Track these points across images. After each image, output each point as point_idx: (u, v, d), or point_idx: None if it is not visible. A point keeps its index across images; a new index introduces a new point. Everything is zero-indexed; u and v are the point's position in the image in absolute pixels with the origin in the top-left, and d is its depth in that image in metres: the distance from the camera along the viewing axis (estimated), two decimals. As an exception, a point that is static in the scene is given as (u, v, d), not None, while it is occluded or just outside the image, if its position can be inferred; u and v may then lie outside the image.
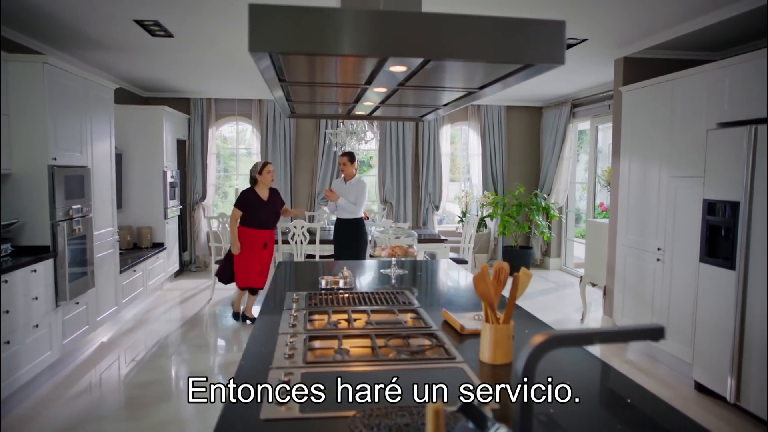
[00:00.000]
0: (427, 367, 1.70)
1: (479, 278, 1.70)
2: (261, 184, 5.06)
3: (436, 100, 2.08)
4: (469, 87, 1.76)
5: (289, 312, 2.28)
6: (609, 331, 0.93)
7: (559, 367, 1.70)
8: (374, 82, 1.70)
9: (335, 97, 2.11)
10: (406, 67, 1.45)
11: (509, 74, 1.52)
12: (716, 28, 3.90)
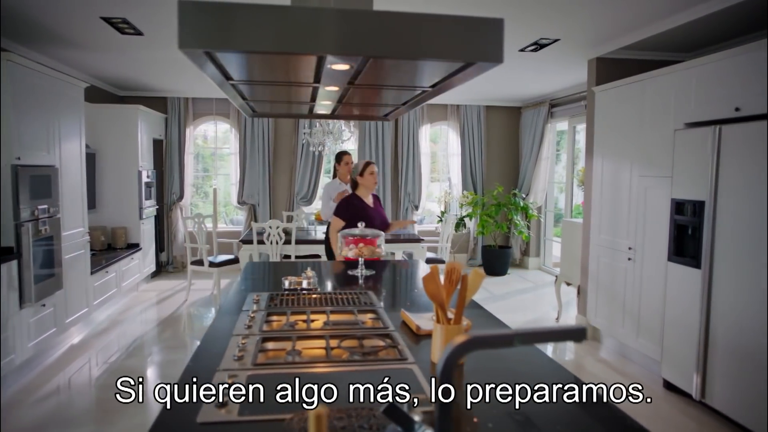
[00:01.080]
0: (378, 368, 1.69)
1: (429, 279, 1.69)
2: (363, 188, 4.11)
3: (394, 98, 2.07)
4: (420, 86, 1.74)
5: (247, 313, 2.26)
6: (530, 332, 0.92)
7: (511, 368, 1.70)
8: (323, 81, 1.69)
9: (291, 96, 2.09)
10: (349, 66, 1.44)
11: (455, 72, 1.50)
12: (686, 29, 3.94)
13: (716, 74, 3.45)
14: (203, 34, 1.18)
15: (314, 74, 1.57)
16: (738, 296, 3.19)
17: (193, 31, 1.18)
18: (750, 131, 3.11)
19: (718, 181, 3.33)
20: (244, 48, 1.23)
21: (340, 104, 2.27)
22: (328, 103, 2.20)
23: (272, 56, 1.37)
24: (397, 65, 1.46)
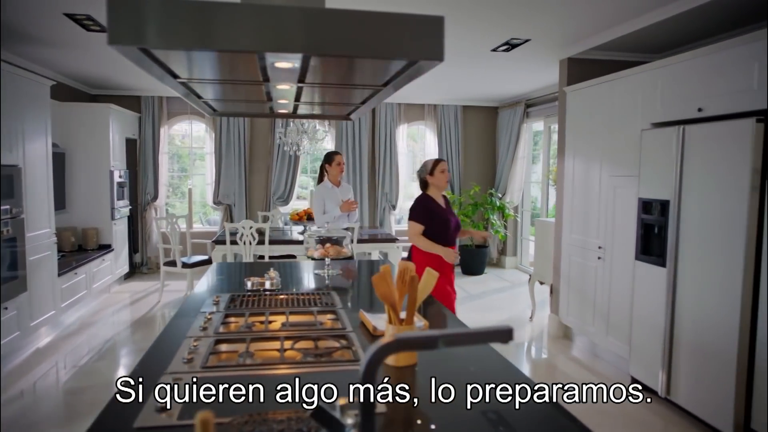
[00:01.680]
0: (330, 369, 1.67)
1: (379, 279, 1.67)
2: (434, 187, 3.75)
3: (350, 97, 2.05)
4: (371, 84, 1.73)
5: (204, 315, 2.22)
6: (455, 334, 0.91)
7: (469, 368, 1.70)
8: (272, 79, 1.66)
9: (246, 95, 2.06)
10: (292, 64, 1.42)
11: (402, 70, 1.49)
12: (654, 30, 3.97)
13: (680, 75, 3.49)
14: (134, 29, 1.15)
15: (261, 72, 1.55)
16: (701, 294, 3.23)
17: (124, 27, 1.15)
18: (712, 131, 3.15)
19: (682, 181, 3.37)
20: (179, 45, 1.21)
21: (299, 103, 2.24)
22: (285, 102, 2.18)
23: (213, 54, 1.35)
24: (341, 63, 1.45)
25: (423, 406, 1.46)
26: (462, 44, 4.73)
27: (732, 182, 2.99)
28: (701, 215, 3.23)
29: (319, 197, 4.89)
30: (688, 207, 3.33)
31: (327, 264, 3.16)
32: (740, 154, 2.94)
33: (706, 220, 3.19)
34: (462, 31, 4.31)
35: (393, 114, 8.02)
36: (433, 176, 3.74)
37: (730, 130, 3.02)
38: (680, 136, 3.36)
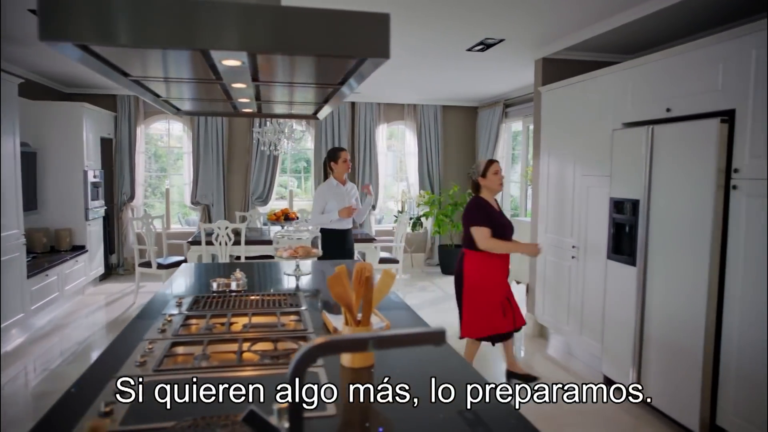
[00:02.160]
0: (281, 372, 1.65)
1: (334, 280, 1.65)
2: (486, 190, 3.61)
3: (311, 95, 2.03)
4: (327, 83, 1.71)
5: (164, 317, 2.19)
6: (386, 336, 0.90)
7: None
8: (225, 78, 1.64)
9: (204, 93, 2.03)
10: (240, 62, 1.39)
11: (354, 69, 1.47)
12: (627, 30, 3.99)
13: (650, 76, 3.52)
14: (67, 25, 1.12)
15: (211, 70, 1.52)
16: (669, 292, 3.26)
17: (56, 22, 1.12)
18: (679, 132, 3.18)
19: (651, 180, 3.40)
20: (115, 42, 1.17)
21: (261, 102, 2.22)
22: (246, 101, 2.15)
23: (157, 51, 1.32)
24: (290, 61, 1.43)
25: (377, 407, 1.45)
26: (437, 44, 4.73)
27: (698, 182, 3.02)
28: (669, 214, 3.26)
29: (321, 195, 4.46)
30: (657, 206, 3.36)
31: (297, 265, 3.13)
32: (706, 154, 2.97)
33: (673, 219, 3.22)
34: (436, 30, 4.30)
35: (372, 114, 8.00)
36: (485, 178, 3.59)
37: (696, 130, 3.05)
38: (649, 136, 3.39)
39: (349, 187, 4.56)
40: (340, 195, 4.44)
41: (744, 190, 2.84)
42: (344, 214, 4.39)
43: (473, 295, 3.57)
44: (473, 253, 3.56)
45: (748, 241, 2.80)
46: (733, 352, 2.89)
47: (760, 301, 2.73)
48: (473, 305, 3.58)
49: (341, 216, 4.38)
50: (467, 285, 3.58)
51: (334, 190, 4.47)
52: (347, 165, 4.48)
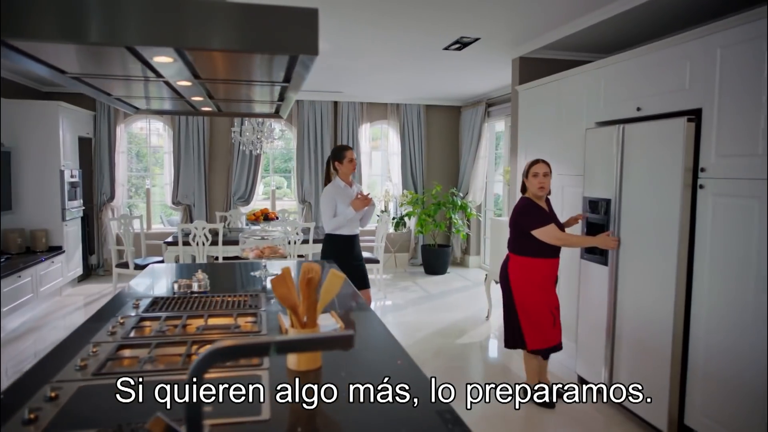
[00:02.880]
0: (225, 375, 1.61)
1: (278, 281, 1.62)
2: (530, 192, 3.47)
3: (263, 93, 1.99)
4: (270, 80, 1.67)
5: (117, 318, 2.15)
6: (290, 340, 0.87)
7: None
8: (166, 75, 1.60)
9: (155, 92, 1.99)
10: (172, 59, 1.36)
11: (291, 65, 1.44)
12: (602, 28, 3.97)
13: (621, 74, 3.51)
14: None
15: (148, 68, 1.49)
16: (639, 292, 3.25)
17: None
18: (649, 131, 3.17)
19: (622, 180, 3.39)
20: (36, 37, 1.14)
21: (216, 100, 2.18)
22: (199, 99, 2.11)
23: (84, 48, 1.29)
24: (225, 58, 1.39)
25: (315, 410, 1.42)
26: (413, 42, 4.70)
27: (666, 181, 3.02)
28: (639, 214, 3.25)
29: (330, 198, 4.02)
30: (628, 206, 3.35)
31: (263, 265, 3.10)
32: (673, 153, 2.97)
33: (643, 218, 3.21)
34: (411, 28, 4.28)
35: (355, 113, 7.97)
36: (527, 179, 3.46)
37: (664, 130, 3.04)
38: (620, 135, 3.38)
39: (356, 188, 4.22)
40: (348, 197, 4.04)
41: (710, 189, 2.83)
42: (359, 206, 3.95)
43: (525, 303, 3.42)
44: (524, 260, 3.41)
45: (714, 241, 2.80)
46: (701, 352, 2.89)
47: (726, 301, 2.73)
48: (527, 315, 3.42)
49: (356, 208, 3.95)
50: (516, 291, 3.44)
51: (342, 191, 4.05)
52: (353, 165, 4.10)
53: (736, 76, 2.68)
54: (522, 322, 3.46)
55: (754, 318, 2.58)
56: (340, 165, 4.09)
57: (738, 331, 2.67)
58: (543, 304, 3.41)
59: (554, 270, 3.47)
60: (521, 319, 3.47)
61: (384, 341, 1.99)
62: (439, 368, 4.26)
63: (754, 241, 2.59)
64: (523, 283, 3.43)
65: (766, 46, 2.52)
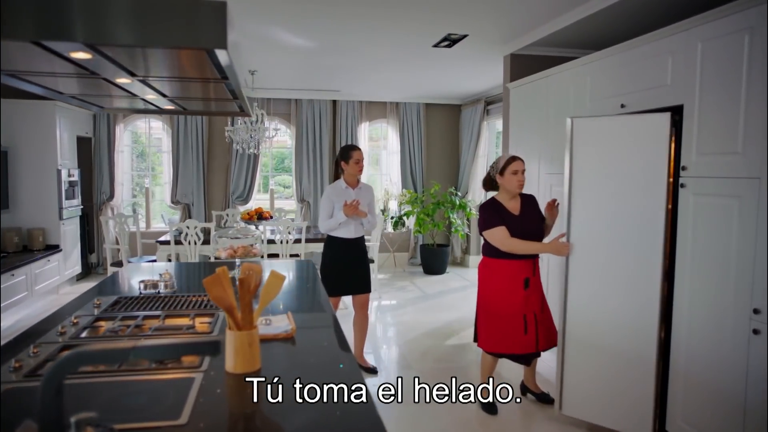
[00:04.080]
0: (159, 377, 1.58)
1: (212, 282, 1.59)
2: (503, 190, 3.36)
3: (218, 92, 1.96)
4: (203, 77, 1.64)
5: (70, 319, 2.13)
6: (152, 346, 0.83)
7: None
8: (101, 73, 1.58)
9: (106, 90, 1.97)
10: (90, 54, 1.33)
11: (214, 61, 1.40)
12: (592, 23, 3.87)
13: (606, 71, 3.43)
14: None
15: (75, 64, 1.46)
16: (588, 291, 3.14)
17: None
18: (631, 128, 3.08)
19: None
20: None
21: (171, 98, 2.15)
22: (153, 98, 2.09)
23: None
24: (144, 54, 1.36)
25: (239, 413, 1.38)
26: (401, 40, 4.65)
27: (650, 181, 2.92)
28: (623, 214, 3.16)
29: (327, 199, 3.92)
30: (612, 206, 3.25)
31: (237, 265, 3.07)
32: (656, 152, 2.87)
33: (627, 219, 3.12)
34: (399, 26, 4.23)
35: (354, 112, 7.93)
36: (502, 176, 3.32)
37: (646, 127, 2.95)
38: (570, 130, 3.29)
39: (364, 191, 4.03)
40: (348, 199, 3.88)
41: (691, 188, 2.75)
42: (349, 212, 3.78)
43: (487, 304, 3.33)
44: (487, 260, 3.34)
45: (696, 242, 2.71)
46: (682, 356, 2.80)
47: (707, 305, 2.65)
48: (487, 315, 3.33)
49: (346, 214, 3.79)
50: (480, 292, 3.39)
51: (341, 192, 3.91)
52: (360, 167, 3.93)
53: (716, 72, 2.59)
54: (479, 319, 3.41)
55: (733, 322, 2.50)
56: (345, 165, 3.95)
57: (718, 334, 2.58)
58: (508, 306, 3.24)
59: (520, 271, 3.25)
60: (479, 315, 3.42)
61: (332, 345, 1.94)
62: (424, 369, 4.20)
63: (734, 242, 2.50)
64: (487, 284, 3.33)
65: (745, 40, 2.43)
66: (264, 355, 1.79)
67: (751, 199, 2.41)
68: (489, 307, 3.33)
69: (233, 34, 1.39)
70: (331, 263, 3.98)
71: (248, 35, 4.54)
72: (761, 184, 2.36)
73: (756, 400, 2.40)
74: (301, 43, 4.77)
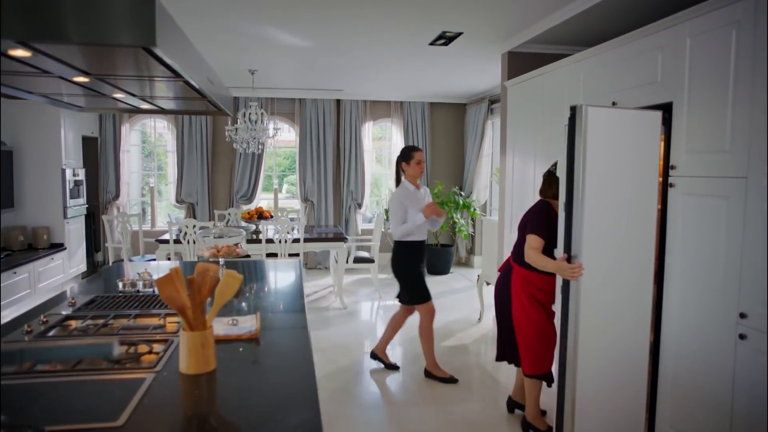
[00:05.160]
0: (111, 378, 1.57)
1: (164, 282, 1.57)
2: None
3: (174, 89, 1.95)
4: (157, 75, 1.62)
5: (39, 318, 2.13)
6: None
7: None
8: (54, 71, 1.57)
9: (74, 90, 1.96)
10: (29, 52, 1.32)
11: (159, 59, 1.39)
12: (588, 19, 3.79)
13: (599, 67, 3.36)
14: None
15: (25, 63, 1.45)
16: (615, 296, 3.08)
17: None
18: (622, 126, 3.00)
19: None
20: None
21: (142, 97, 2.15)
22: (121, 96, 2.08)
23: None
24: (86, 51, 1.35)
25: (179, 415, 1.36)
26: (396, 39, 4.61)
27: (640, 180, 2.85)
28: (615, 215, 3.08)
29: (398, 202, 3.79)
30: (604, 206, 3.18)
31: (221, 264, 3.06)
32: (646, 150, 2.80)
33: (618, 220, 3.05)
34: (392, 24, 4.19)
35: (359, 111, 7.91)
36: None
37: (637, 125, 2.88)
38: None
39: (423, 192, 3.99)
40: (417, 201, 3.81)
41: (680, 188, 2.68)
42: (429, 212, 3.72)
43: (535, 322, 3.01)
44: (526, 273, 3.02)
45: (685, 243, 2.64)
46: (671, 360, 2.73)
47: (695, 308, 2.57)
48: (536, 335, 3.02)
49: (425, 215, 3.72)
50: (518, 308, 3.04)
51: (411, 195, 3.83)
52: (421, 167, 3.89)
53: (704, 68, 2.51)
54: (523, 340, 3.05)
55: (720, 326, 2.42)
56: (407, 167, 3.89)
57: (705, 339, 2.51)
58: (551, 323, 3.04)
59: (554, 286, 2.96)
60: (522, 336, 3.05)
61: (295, 346, 1.92)
62: (415, 373, 4.16)
63: (722, 244, 2.42)
64: (528, 299, 3.01)
65: (733, 35, 2.36)
66: (225, 356, 1.77)
67: (738, 200, 2.33)
68: (539, 326, 3.02)
69: (170, 31, 1.37)
70: (417, 267, 3.92)
71: (244, 35, 4.54)
72: (748, 184, 2.28)
73: (743, 407, 2.33)
74: (297, 42, 4.76)
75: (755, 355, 2.25)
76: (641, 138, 2.82)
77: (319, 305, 6.06)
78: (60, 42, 1.20)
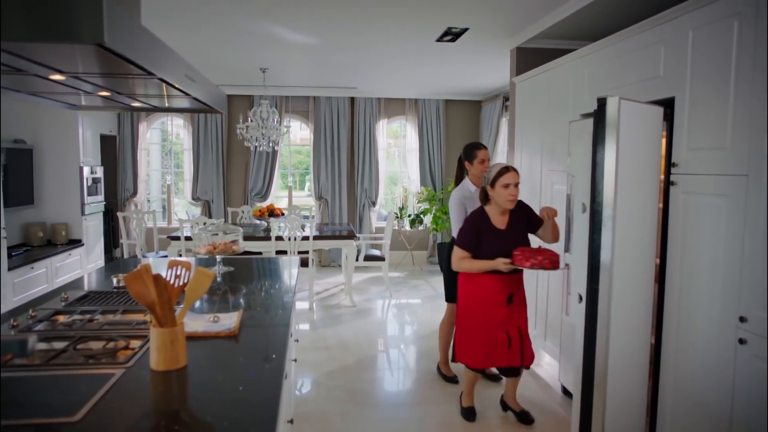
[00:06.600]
0: (80, 373, 1.58)
1: (133, 278, 1.58)
2: (494, 202, 3.09)
3: (160, 87, 1.96)
4: (133, 73, 1.63)
5: (28, 312, 2.17)
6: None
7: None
8: (27, 69, 1.59)
9: (58, 88, 1.99)
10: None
11: (127, 58, 1.39)
12: (595, 11, 3.71)
13: (604, 63, 3.27)
14: None
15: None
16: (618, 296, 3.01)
17: None
18: (625, 123, 2.92)
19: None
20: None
21: (122, 95, 2.17)
22: (108, 94, 2.10)
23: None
24: (55, 49, 1.36)
25: (139, 412, 1.36)
26: (402, 36, 4.58)
27: (642, 178, 2.77)
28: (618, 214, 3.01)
29: (460, 205, 3.61)
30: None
31: (218, 261, 3.09)
32: (649, 148, 2.72)
33: (621, 219, 2.97)
34: (398, 21, 4.16)
35: (373, 109, 7.89)
36: (493, 189, 3.03)
37: (640, 121, 2.79)
38: None
39: None
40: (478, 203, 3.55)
41: (682, 186, 2.59)
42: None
43: (468, 319, 3.11)
44: (470, 273, 3.10)
45: (685, 244, 2.55)
46: (671, 365, 2.65)
47: (695, 312, 2.48)
48: (468, 330, 3.11)
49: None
50: (461, 306, 3.17)
51: (471, 196, 3.61)
52: (485, 166, 3.61)
53: (706, 61, 2.42)
54: (458, 333, 3.19)
55: (720, 330, 2.33)
56: (470, 166, 3.68)
57: (705, 342, 2.42)
58: (491, 322, 3.04)
59: (505, 287, 3.03)
60: (458, 329, 3.20)
61: (272, 343, 1.91)
62: (415, 373, 4.13)
63: (722, 245, 2.33)
64: (469, 298, 3.10)
65: (734, 27, 2.26)
66: (199, 353, 1.78)
67: (739, 199, 2.24)
68: (471, 323, 3.10)
69: (126, 28, 1.37)
70: None
71: (253, 34, 4.56)
72: (748, 181, 2.19)
73: (742, 413, 2.24)
74: (304, 40, 4.76)
75: (754, 361, 2.16)
76: (648, 134, 2.74)
77: (329, 303, 6.07)
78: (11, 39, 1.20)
